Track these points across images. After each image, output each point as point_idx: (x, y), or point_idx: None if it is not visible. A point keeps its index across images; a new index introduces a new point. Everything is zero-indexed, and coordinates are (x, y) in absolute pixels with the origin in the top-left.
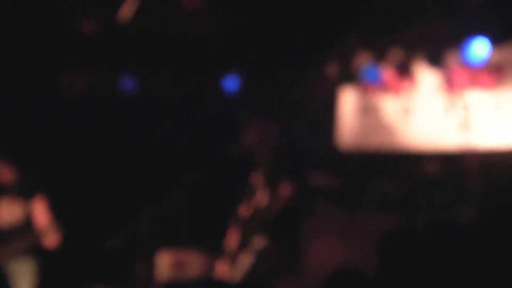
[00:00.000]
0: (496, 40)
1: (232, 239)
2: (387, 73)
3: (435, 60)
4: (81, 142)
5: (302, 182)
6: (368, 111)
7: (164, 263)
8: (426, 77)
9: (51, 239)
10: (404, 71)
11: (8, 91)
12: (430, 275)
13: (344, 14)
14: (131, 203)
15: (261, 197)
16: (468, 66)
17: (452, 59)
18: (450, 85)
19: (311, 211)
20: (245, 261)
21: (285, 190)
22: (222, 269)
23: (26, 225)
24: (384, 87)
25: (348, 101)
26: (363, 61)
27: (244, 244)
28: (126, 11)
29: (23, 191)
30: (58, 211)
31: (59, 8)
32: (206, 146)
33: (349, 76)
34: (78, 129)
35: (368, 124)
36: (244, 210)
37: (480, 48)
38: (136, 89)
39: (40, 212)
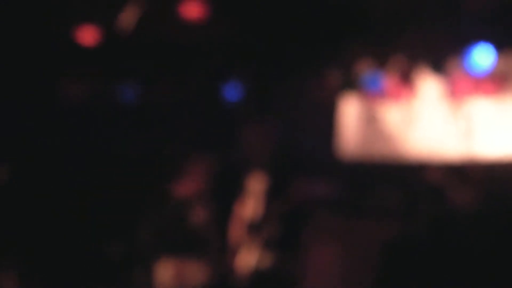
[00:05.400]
0: (500, 47)
1: (235, 236)
2: (389, 81)
3: (438, 68)
4: (81, 150)
5: (300, 188)
6: (369, 119)
7: (165, 272)
8: (429, 85)
9: None
10: (406, 79)
11: (7, 98)
12: (430, 284)
13: (346, 21)
14: (131, 210)
15: (259, 200)
16: (471, 74)
17: (455, 67)
18: (453, 93)
19: (312, 219)
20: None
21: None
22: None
23: None
24: (386, 95)
25: (349, 110)
26: (364, 69)
27: (246, 243)
28: (127, 19)
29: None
30: (58, 217)
31: (59, 15)
32: (206, 153)
33: (351, 84)
34: (78, 136)
35: (369, 132)
36: (243, 212)
37: (483, 56)
38: (136, 97)
39: None
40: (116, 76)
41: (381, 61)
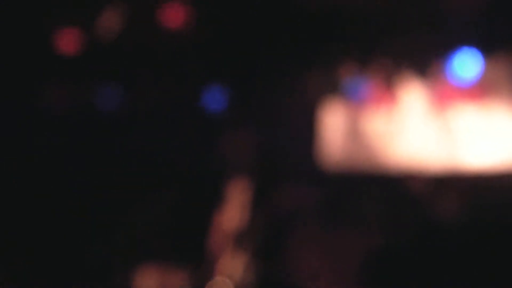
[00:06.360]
0: (486, 53)
1: (218, 245)
2: (372, 88)
3: (422, 74)
4: (62, 156)
5: (283, 196)
6: (352, 127)
7: (148, 281)
8: (412, 92)
9: None
10: (390, 87)
11: None
12: None
13: (328, 25)
14: (110, 216)
15: (240, 209)
16: (456, 80)
17: (440, 74)
18: (437, 100)
19: (295, 228)
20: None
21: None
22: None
23: None
24: (368, 101)
25: (332, 116)
26: (347, 76)
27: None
28: (107, 25)
29: None
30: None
31: (38, 20)
32: (186, 159)
33: (333, 90)
34: (59, 143)
35: (352, 140)
36: (224, 220)
37: (469, 62)
38: (115, 103)
39: None
40: (96, 82)
41: (365, 68)
